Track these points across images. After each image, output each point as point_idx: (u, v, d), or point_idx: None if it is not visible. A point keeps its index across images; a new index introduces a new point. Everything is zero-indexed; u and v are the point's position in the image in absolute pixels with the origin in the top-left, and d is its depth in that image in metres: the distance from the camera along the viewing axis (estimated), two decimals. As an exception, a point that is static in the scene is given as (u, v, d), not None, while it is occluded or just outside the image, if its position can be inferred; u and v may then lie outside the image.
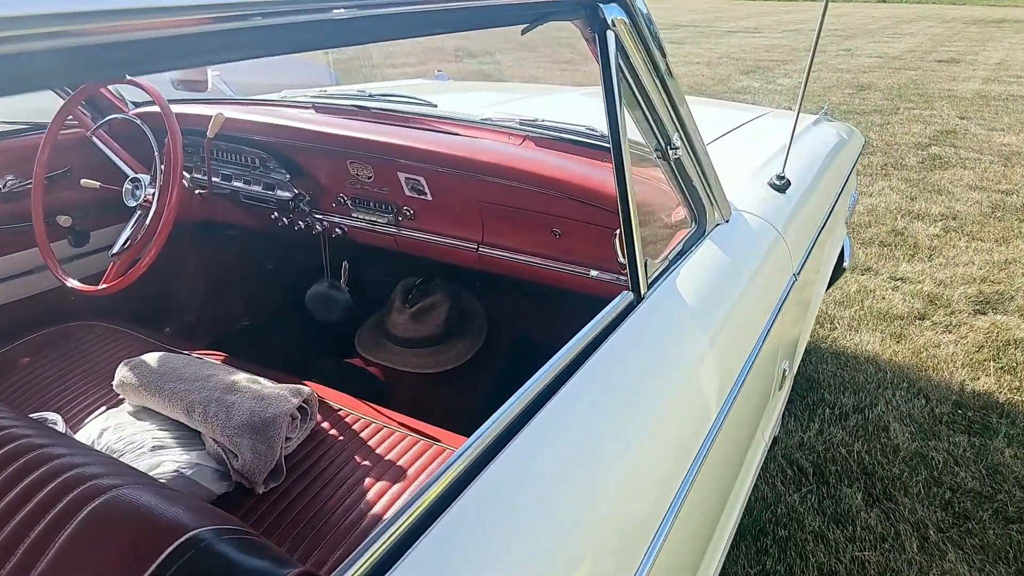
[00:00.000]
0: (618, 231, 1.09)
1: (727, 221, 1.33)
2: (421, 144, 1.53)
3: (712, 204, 1.26)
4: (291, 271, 2.27)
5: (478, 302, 2.11)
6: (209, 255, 2.21)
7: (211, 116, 1.67)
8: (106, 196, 1.71)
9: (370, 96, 1.86)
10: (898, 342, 2.99)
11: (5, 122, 1.80)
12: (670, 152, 1.09)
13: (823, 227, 1.86)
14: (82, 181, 1.69)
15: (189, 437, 1.28)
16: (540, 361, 0.90)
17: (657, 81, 1.06)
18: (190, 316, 2.23)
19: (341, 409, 1.45)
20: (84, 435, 1.24)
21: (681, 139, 1.11)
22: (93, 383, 1.46)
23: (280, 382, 1.54)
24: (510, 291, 2.10)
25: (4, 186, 1.76)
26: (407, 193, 1.67)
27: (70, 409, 1.42)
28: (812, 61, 1.44)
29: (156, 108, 1.89)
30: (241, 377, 1.35)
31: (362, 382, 1.87)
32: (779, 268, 1.47)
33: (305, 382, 1.55)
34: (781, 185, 1.62)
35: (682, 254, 1.18)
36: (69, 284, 1.59)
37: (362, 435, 1.38)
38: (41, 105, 1.82)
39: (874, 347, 2.95)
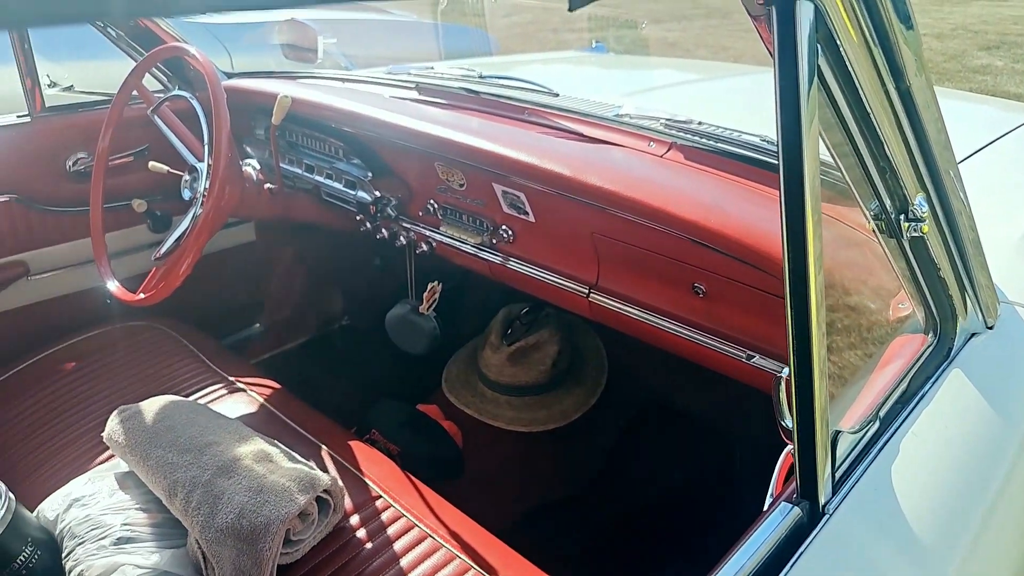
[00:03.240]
0: (786, 374, 0.61)
1: (990, 328, 0.78)
2: (517, 153, 1.12)
3: (969, 304, 0.72)
4: (371, 286, 1.98)
5: (598, 344, 1.68)
6: (285, 258, 1.96)
7: (286, 98, 1.37)
8: (174, 183, 1.47)
9: (481, 78, 1.46)
10: None
11: (83, 92, 1.62)
12: (906, 226, 0.59)
13: None
14: (150, 164, 1.47)
15: (171, 526, 0.99)
16: (668, 440, 0.47)
17: (893, 92, 0.56)
18: (255, 324, 2.01)
19: (380, 498, 1.10)
20: (48, 506, 0.99)
21: (931, 201, 0.60)
22: (107, 414, 1.22)
23: (318, 434, 1.22)
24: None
25: (74, 164, 1.58)
26: (505, 210, 1.27)
27: (73, 448, 1.19)
28: None
29: (241, 84, 1.63)
30: (250, 449, 1.03)
31: (432, 439, 1.51)
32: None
33: (353, 440, 1.22)
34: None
35: (906, 401, 0.67)
36: (109, 287, 1.37)
37: (398, 545, 1.02)
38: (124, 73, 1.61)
39: None
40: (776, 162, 1.00)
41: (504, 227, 1.29)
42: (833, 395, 0.63)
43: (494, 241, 1.31)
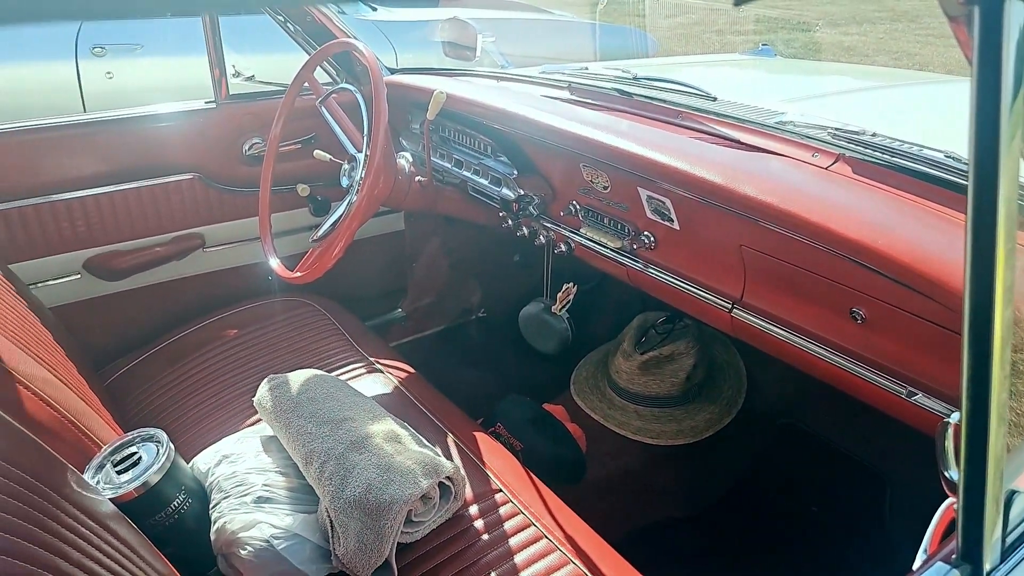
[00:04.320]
0: (955, 419, 0.54)
1: None
2: (666, 157, 1.08)
3: None
4: (509, 282, 2.00)
5: (737, 362, 1.59)
6: (430, 248, 2.02)
7: (440, 93, 1.41)
8: (335, 170, 1.56)
9: (635, 80, 1.43)
10: None
11: (262, 82, 1.76)
12: None
13: None
14: (315, 152, 1.57)
15: (304, 492, 1.05)
16: (806, 469, 0.44)
17: None
18: (396, 309, 2.09)
19: (500, 492, 1.11)
20: (202, 459, 1.08)
21: None
22: (259, 381, 1.31)
23: (446, 421, 1.25)
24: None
25: (249, 148, 1.72)
26: (648, 215, 1.23)
27: (228, 408, 1.30)
28: None
29: (402, 80, 1.70)
30: (382, 429, 1.08)
31: (556, 439, 1.50)
32: None
33: (479, 431, 1.24)
34: None
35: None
36: (270, 263, 1.47)
37: (513, 541, 1.02)
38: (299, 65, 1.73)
39: None
40: (963, 182, 0.90)
41: (646, 233, 1.26)
42: (1011, 447, 0.56)
43: (635, 246, 1.28)
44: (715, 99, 1.29)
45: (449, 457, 1.13)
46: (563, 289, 1.46)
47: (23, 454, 0.72)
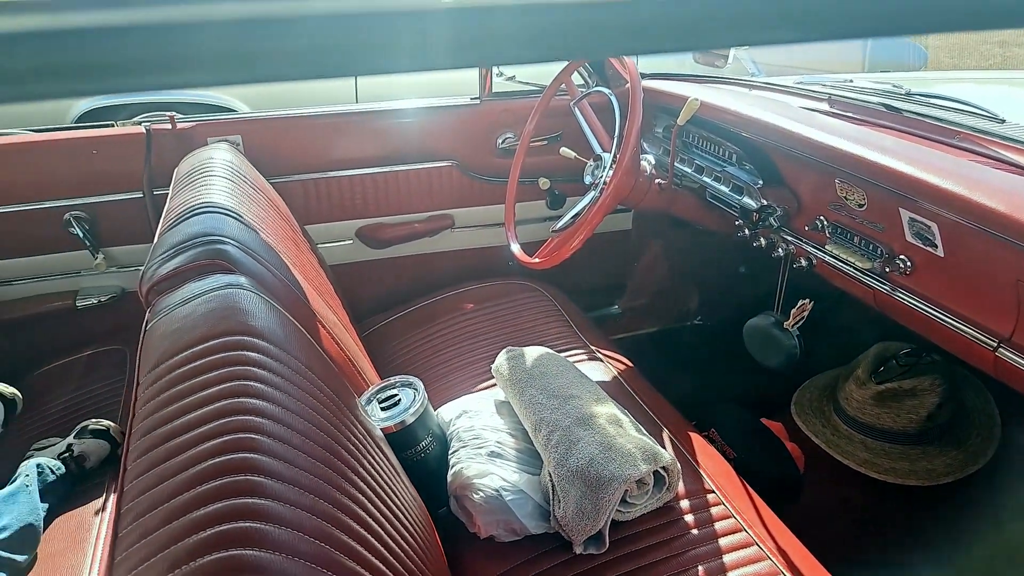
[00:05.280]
0: None
1: None
2: (939, 179, 1.02)
3: None
4: (731, 291, 1.96)
5: (992, 409, 1.44)
6: (654, 250, 2.05)
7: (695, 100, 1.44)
8: (578, 168, 1.66)
9: (907, 95, 1.35)
10: None
11: (521, 82, 1.90)
12: None
13: None
14: (561, 150, 1.67)
15: (531, 456, 1.15)
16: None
17: None
18: (613, 305, 2.15)
19: (712, 493, 1.12)
20: (446, 410, 1.22)
21: None
22: (493, 351, 1.44)
23: (661, 417, 1.29)
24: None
25: (503, 142, 1.87)
26: (908, 238, 1.16)
27: (467, 370, 1.44)
28: None
29: (656, 85, 1.75)
30: (605, 411, 1.14)
31: (773, 456, 1.46)
32: None
33: (692, 432, 1.26)
34: None
35: None
36: (511, 248, 1.60)
37: (723, 542, 1.04)
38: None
39: None
40: None
41: (902, 256, 1.19)
42: None
43: (887, 269, 1.21)
44: (1003, 121, 1.19)
45: (665, 449, 1.17)
46: (799, 305, 1.42)
47: (329, 378, 0.89)
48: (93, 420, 1.36)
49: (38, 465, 1.25)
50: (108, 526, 1.17)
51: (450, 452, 1.15)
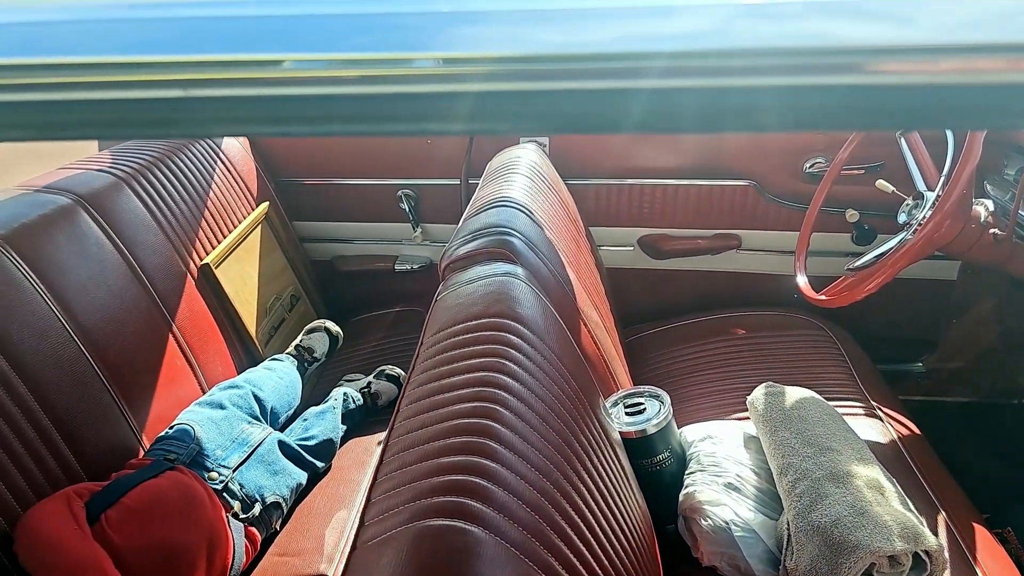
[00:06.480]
0: None
1: None
2: None
3: None
4: None
5: None
6: (981, 309, 1.74)
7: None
8: (894, 203, 1.50)
9: None
10: None
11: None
12: None
13: None
14: (878, 182, 1.52)
15: (771, 498, 1.09)
16: None
17: None
18: (916, 362, 1.90)
19: None
20: (691, 431, 1.21)
21: None
22: (753, 383, 1.38)
23: (942, 498, 1.13)
24: None
25: (810, 166, 1.76)
26: None
27: (721, 396, 1.40)
28: None
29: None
30: (866, 473, 1.03)
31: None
32: None
33: (979, 524, 1.09)
34: None
35: None
36: (797, 280, 1.51)
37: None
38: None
39: None
40: None
41: None
42: None
43: None
44: None
45: (935, 534, 1.02)
46: None
47: (579, 372, 0.94)
48: (389, 366, 1.61)
49: (344, 394, 1.51)
50: (384, 455, 1.39)
51: (687, 473, 1.13)
